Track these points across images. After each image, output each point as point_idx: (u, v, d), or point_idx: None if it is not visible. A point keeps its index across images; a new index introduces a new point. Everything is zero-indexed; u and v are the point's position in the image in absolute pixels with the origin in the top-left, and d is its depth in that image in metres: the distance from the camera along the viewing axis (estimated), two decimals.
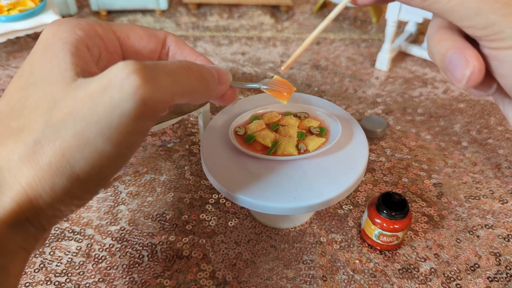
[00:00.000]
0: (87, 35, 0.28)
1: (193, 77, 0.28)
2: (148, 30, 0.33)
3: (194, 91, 0.29)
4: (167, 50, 0.35)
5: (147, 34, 0.33)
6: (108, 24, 0.31)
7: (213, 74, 0.31)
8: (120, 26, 0.32)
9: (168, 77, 0.26)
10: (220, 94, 0.33)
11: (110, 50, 0.31)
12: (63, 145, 0.23)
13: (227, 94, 0.35)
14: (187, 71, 0.28)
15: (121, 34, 0.32)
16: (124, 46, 0.32)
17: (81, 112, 0.23)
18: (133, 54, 0.33)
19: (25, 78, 0.26)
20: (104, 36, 0.30)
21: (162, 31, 0.34)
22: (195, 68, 0.29)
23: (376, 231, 0.54)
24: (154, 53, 0.34)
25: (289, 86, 0.39)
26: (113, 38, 0.31)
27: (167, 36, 0.34)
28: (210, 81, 0.30)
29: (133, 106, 0.23)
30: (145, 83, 0.23)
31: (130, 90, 0.23)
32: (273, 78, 0.39)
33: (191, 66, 0.29)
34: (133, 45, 0.32)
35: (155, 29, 0.34)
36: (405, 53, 0.99)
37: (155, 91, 0.24)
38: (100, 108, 0.23)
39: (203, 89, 0.30)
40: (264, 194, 0.46)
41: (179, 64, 0.28)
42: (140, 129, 0.25)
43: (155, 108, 0.25)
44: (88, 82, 0.24)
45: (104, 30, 0.30)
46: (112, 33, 0.31)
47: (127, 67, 0.23)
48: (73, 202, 0.25)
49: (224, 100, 0.35)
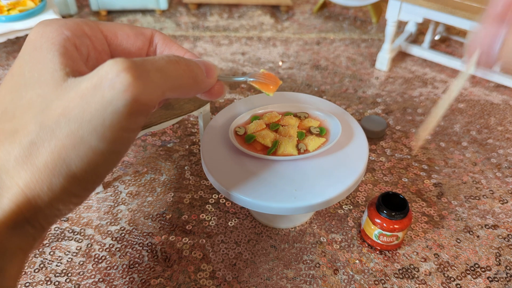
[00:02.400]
0: (75, 34, 0.28)
1: (181, 72, 0.29)
2: (135, 29, 0.33)
3: (183, 86, 0.29)
4: (155, 47, 0.35)
5: (134, 32, 0.33)
6: (96, 23, 0.31)
7: (200, 68, 0.31)
8: (107, 25, 0.32)
9: (158, 73, 0.26)
10: (208, 88, 0.34)
11: (98, 49, 0.31)
12: (58, 145, 0.23)
13: (215, 88, 0.35)
14: (176, 65, 0.28)
15: (109, 33, 0.32)
16: (112, 45, 0.32)
17: (73, 112, 0.23)
18: (121, 53, 0.33)
19: (16, 79, 0.26)
20: (92, 35, 0.30)
21: (149, 29, 0.34)
22: (183, 62, 0.29)
23: (376, 231, 0.54)
24: (142, 51, 0.34)
25: (275, 79, 0.39)
26: (101, 37, 0.31)
27: (154, 33, 0.35)
28: (198, 74, 0.31)
29: (124, 104, 0.24)
30: (135, 80, 0.24)
31: (121, 88, 0.23)
32: (260, 71, 0.39)
33: (179, 60, 0.29)
34: (121, 43, 0.33)
35: (142, 27, 0.34)
36: (405, 53, 0.99)
37: (145, 88, 0.24)
38: (92, 107, 0.23)
39: (192, 83, 0.30)
40: (264, 194, 0.46)
41: (167, 59, 0.28)
42: (133, 125, 0.25)
43: (147, 104, 0.25)
44: (79, 82, 0.24)
45: (91, 29, 0.30)
46: (99, 32, 0.31)
47: (117, 65, 0.24)
48: (71, 200, 0.26)
49: (211, 95, 0.35)
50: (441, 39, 1.04)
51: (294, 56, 0.98)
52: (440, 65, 0.95)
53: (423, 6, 0.81)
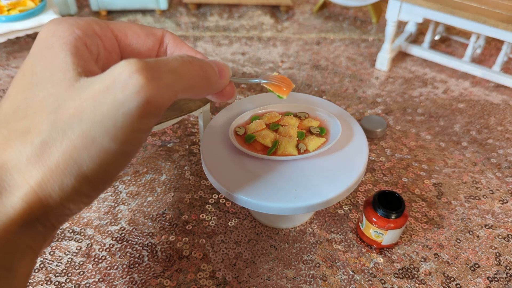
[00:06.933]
0: (86, 34, 0.28)
1: (194, 73, 0.28)
2: (145, 29, 0.33)
3: (196, 87, 0.29)
4: (165, 48, 0.35)
5: (145, 32, 0.33)
6: (106, 22, 0.31)
7: (214, 68, 0.31)
8: (117, 25, 0.32)
9: (171, 74, 0.26)
10: (220, 89, 0.33)
11: (108, 49, 0.31)
12: (70, 145, 0.23)
13: (226, 90, 0.34)
14: (189, 66, 0.28)
15: (119, 32, 0.32)
16: (122, 45, 0.32)
17: (86, 113, 0.23)
18: (131, 53, 0.33)
19: (28, 78, 0.26)
20: (102, 34, 0.30)
21: (159, 29, 0.34)
22: (197, 63, 0.29)
23: (373, 230, 0.54)
24: (152, 51, 0.34)
25: (288, 82, 0.39)
26: (111, 37, 0.31)
27: (165, 34, 0.34)
28: (211, 75, 0.31)
29: (137, 105, 0.23)
30: (148, 82, 0.24)
31: (134, 90, 0.23)
32: (274, 74, 0.39)
33: (193, 61, 0.29)
34: (131, 43, 0.32)
35: (153, 27, 0.34)
36: (405, 53, 0.99)
37: (158, 89, 0.24)
38: (104, 108, 0.23)
39: (205, 84, 0.30)
40: (264, 194, 0.46)
41: (181, 60, 0.28)
42: (144, 126, 0.25)
43: (159, 106, 0.25)
44: (91, 82, 0.24)
45: (101, 29, 0.30)
46: (109, 31, 0.31)
47: (130, 66, 0.24)
48: (82, 200, 0.26)
49: (223, 96, 0.35)
50: (441, 39, 1.04)
51: (294, 56, 0.98)
52: (440, 65, 0.95)
53: (423, 6, 0.81)
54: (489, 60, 0.97)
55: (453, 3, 0.79)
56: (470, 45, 0.91)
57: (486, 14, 0.75)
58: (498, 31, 0.76)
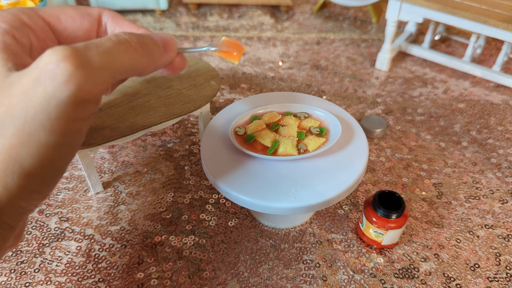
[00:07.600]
0: (12, 26, 0.27)
1: (133, 51, 0.27)
2: (79, 9, 0.31)
3: (137, 65, 0.27)
4: (105, 27, 0.33)
5: (79, 13, 0.31)
6: (34, 10, 0.30)
7: (157, 43, 0.30)
8: (48, 10, 0.30)
9: (103, 56, 0.25)
10: (168, 63, 0.32)
11: (41, 38, 0.29)
12: (6, 144, 0.22)
13: (176, 62, 0.33)
14: (126, 45, 0.26)
15: (50, 18, 0.30)
16: (56, 31, 0.31)
17: (17, 109, 0.22)
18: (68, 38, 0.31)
19: None
20: (32, 23, 0.29)
21: (96, 7, 0.32)
22: (135, 39, 0.27)
23: (373, 230, 0.54)
24: (91, 33, 0.32)
25: (238, 46, 0.38)
26: (42, 25, 0.30)
27: (102, 12, 0.32)
28: (154, 50, 0.29)
29: (68, 95, 0.22)
30: (76, 69, 0.22)
31: (62, 79, 0.22)
32: (222, 39, 0.38)
33: (130, 38, 0.27)
34: (66, 27, 0.31)
35: (88, 7, 0.32)
36: (405, 53, 0.99)
37: (89, 75, 0.23)
38: (35, 101, 0.22)
39: (147, 60, 0.28)
40: (264, 194, 0.46)
41: (116, 40, 0.26)
42: (81, 115, 0.24)
43: (94, 92, 0.24)
44: (20, 76, 0.23)
45: (30, 18, 0.29)
46: (40, 19, 0.30)
47: (56, 54, 0.22)
48: (33, 196, 0.25)
49: (173, 69, 0.33)
50: (441, 39, 1.04)
51: (294, 56, 0.98)
52: (440, 65, 0.95)
53: (423, 6, 0.81)
54: (489, 60, 0.97)
55: (453, 3, 0.79)
56: (470, 45, 0.91)
57: (486, 14, 0.75)
58: (498, 31, 0.76)
